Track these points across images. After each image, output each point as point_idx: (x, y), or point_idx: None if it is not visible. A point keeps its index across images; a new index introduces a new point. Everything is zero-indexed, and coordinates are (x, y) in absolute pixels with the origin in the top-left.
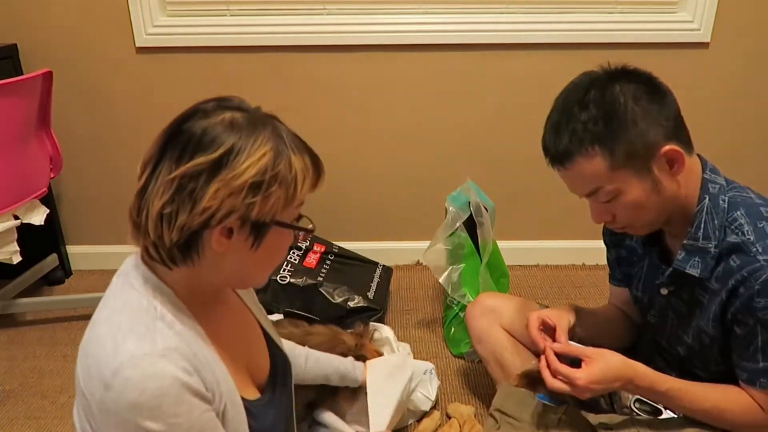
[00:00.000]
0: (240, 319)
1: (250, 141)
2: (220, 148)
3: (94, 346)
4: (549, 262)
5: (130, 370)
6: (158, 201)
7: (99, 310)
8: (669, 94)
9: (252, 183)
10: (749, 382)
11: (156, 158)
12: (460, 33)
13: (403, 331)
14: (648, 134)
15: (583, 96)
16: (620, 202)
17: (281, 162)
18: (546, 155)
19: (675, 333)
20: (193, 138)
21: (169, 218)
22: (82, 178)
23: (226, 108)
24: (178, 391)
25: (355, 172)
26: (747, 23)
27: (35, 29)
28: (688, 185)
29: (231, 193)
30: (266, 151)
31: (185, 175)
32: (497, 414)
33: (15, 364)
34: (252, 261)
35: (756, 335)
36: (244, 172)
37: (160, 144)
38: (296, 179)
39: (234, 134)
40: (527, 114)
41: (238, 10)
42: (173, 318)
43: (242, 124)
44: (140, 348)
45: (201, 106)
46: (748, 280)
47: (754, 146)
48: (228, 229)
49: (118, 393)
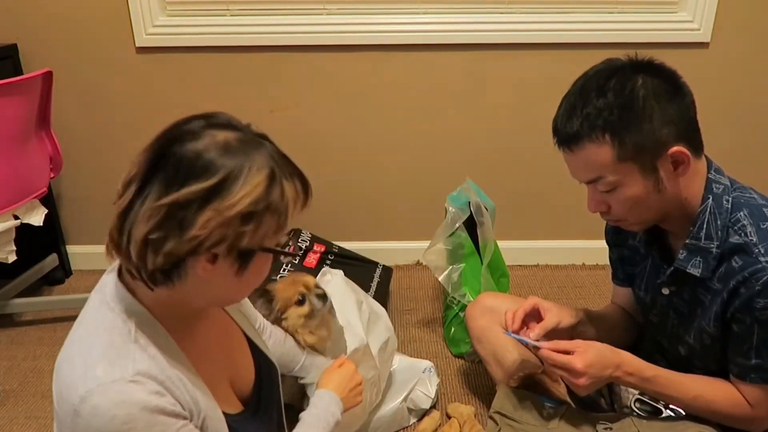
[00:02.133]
0: (222, 332)
1: (245, 169)
2: (214, 176)
3: (66, 367)
4: (549, 262)
5: (98, 398)
6: (144, 226)
7: (75, 327)
8: (689, 95)
9: (245, 213)
10: (739, 376)
11: (142, 179)
12: (460, 33)
13: (403, 331)
14: (660, 132)
15: (603, 83)
16: (619, 194)
17: (274, 190)
18: (555, 135)
19: (676, 333)
20: (184, 162)
21: (155, 244)
22: (82, 178)
23: (216, 127)
24: (149, 416)
25: (355, 172)
26: (747, 23)
27: (35, 29)
28: (692, 187)
29: (223, 223)
30: (261, 180)
31: (176, 203)
32: (497, 416)
33: (15, 364)
34: (234, 285)
35: (752, 333)
36: (239, 202)
37: (146, 164)
38: (287, 207)
39: (229, 160)
40: (527, 114)
41: (238, 10)
42: (147, 340)
43: (236, 148)
44: (109, 374)
45: (187, 126)
46: (749, 281)
47: (754, 146)
48: (213, 255)
49: (87, 420)
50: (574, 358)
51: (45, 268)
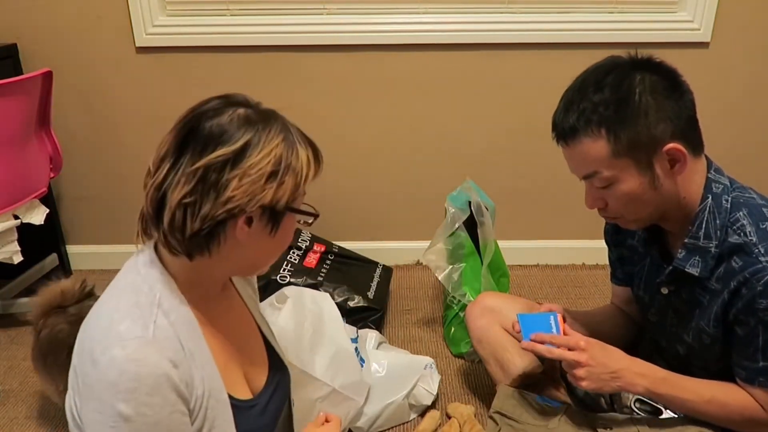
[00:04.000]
0: (239, 318)
1: (265, 133)
2: (239, 140)
3: (92, 323)
4: (549, 262)
5: (117, 350)
6: (179, 192)
7: (104, 293)
8: (688, 93)
9: (270, 172)
10: (748, 380)
11: (175, 153)
12: (460, 33)
13: (403, 330)
14: (656, 128)
15: (601, 78)
16: (615, 190)
17: (292, 153)
18: (553, 130)
19: (675, 332)
20: (212, 134)
21: (191, 208)
22: (82, 178)
23: (235, 104)
24: (156, 381)
25: (355, 172)
26: (747, 23)
27: (35, 29)
28: (690, 186)
29: (252, 182)
30: (279, 142)
31: (209, 166)
32: (497, 416)
33: (15, 364)
34: (267, 247)
35: (757, 335)
36: (261, 161)
37: (177, 140)
38: (303, 169)
39: (250, 128)
40: (527, 114)
41: (238, 10)
42: (170, 306)
43: (255, 119)
44: (132, 331)
45: (208, 105)
46: (750, 282)
47: (754, 146)
48: (249, 218)
49: (102, 370)
50: (579, 338)
51: (45, 268)
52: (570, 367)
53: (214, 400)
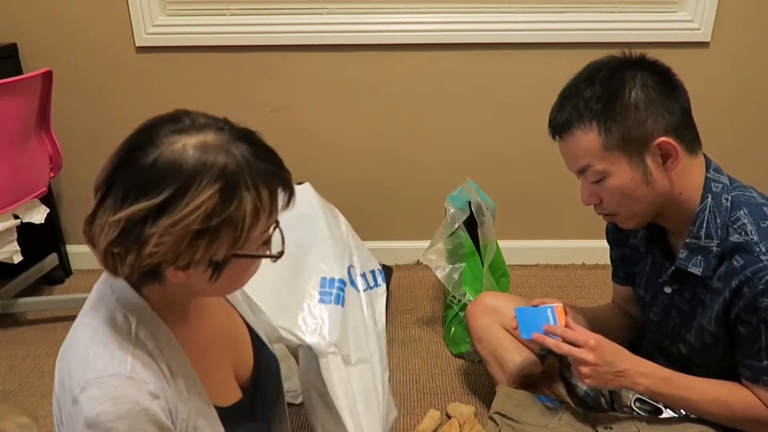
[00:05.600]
0: (223, 319)
1: (196, 182)
2: (162, 192)
3: (70, 355)
4: (549, 262)
5: (95, 389)
6: (105, 238)
7: (81, 313)
8: (681, 90)
9: (196, 231)
10: (752, 379)
11: (104, 187)
12: (460, 33)
13: (403, 330)
14: (646, 122)
15: (593, 75)
16: (608, 184)
17: (231, 203)
18: (549, 126)
19: (677, 331)
20: (138, 174)
21: (118, 257)
22: (82, 177)
23: (180, 132)
24: (134, 418)
25: (355, 172)
26: (747, 23)
27: (35, 29)
28: (687, 184)
29: (176, 240)
30: (211, 194)
31: (128, 219)
32: (497, 417)
33: (15, 364)
34: (218, 286)
35: (760, 334)
36: (185, 218)
37: (108, 172)
38: (246, 219)
39: (179, 174)
40: (527, 113)
41: (238, 10)
42: (147, 333)
43: (190, 159)
44: (108, 368)
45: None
46: (751, 280)
47: (753, 146)
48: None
49: (81, 409)
50: (589, 336)
51: (45, 267)
52: (577, 364)
53: (202, 419)
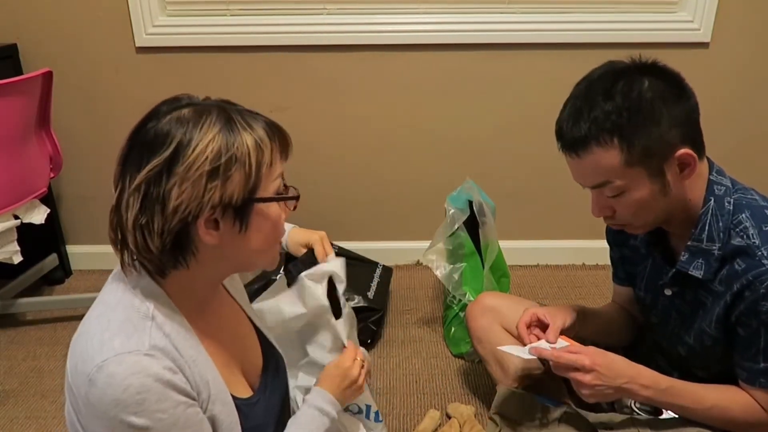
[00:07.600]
0: (233, 318)
1: (197, 130)
2: (170, 144)
3: (82, 341)
4: (549, 262)
5: (114, 367)
6: (131, 213)
7: (93, 307)
8: (693, 97)
9: (209, 170)
10: (749, 381)
11: (120, 174)
12: (460, 33)
13: (403, 331)
14: (668, 135)
15: (610, 86)
16: (625, 199)
17: (234, 142)
18: (559, 140)
19: (677, 333)
20: (145, 143)
21: (146, 227)
22: (82, 178)
23: (176, 108)
24: (162, 389)
25: (355, 172)
26: (747, 23)
27: (35, 29)
28: (695, 189)
29: (192, 185)
30: (214, 135)
31: (146, 181)
32: (497, 417)
33: (15, 364)
34: (249, 243)
35: (759, 337)
36: (196, 160)
37: (121, 160)
38: (251, 155)
39: (181, 128)
40: (527, 114)
41: (238, 10)
42: (164, 318)
43: (188, 117)
44: (126, 346)
45: (151, 114)
46: (753, 284)
47: (754, 146)
48: (212, 220)
49: (102, 389)
50: (582, 356)
51: (45, 268)
52: (575, 386)
53: (220, 403)
